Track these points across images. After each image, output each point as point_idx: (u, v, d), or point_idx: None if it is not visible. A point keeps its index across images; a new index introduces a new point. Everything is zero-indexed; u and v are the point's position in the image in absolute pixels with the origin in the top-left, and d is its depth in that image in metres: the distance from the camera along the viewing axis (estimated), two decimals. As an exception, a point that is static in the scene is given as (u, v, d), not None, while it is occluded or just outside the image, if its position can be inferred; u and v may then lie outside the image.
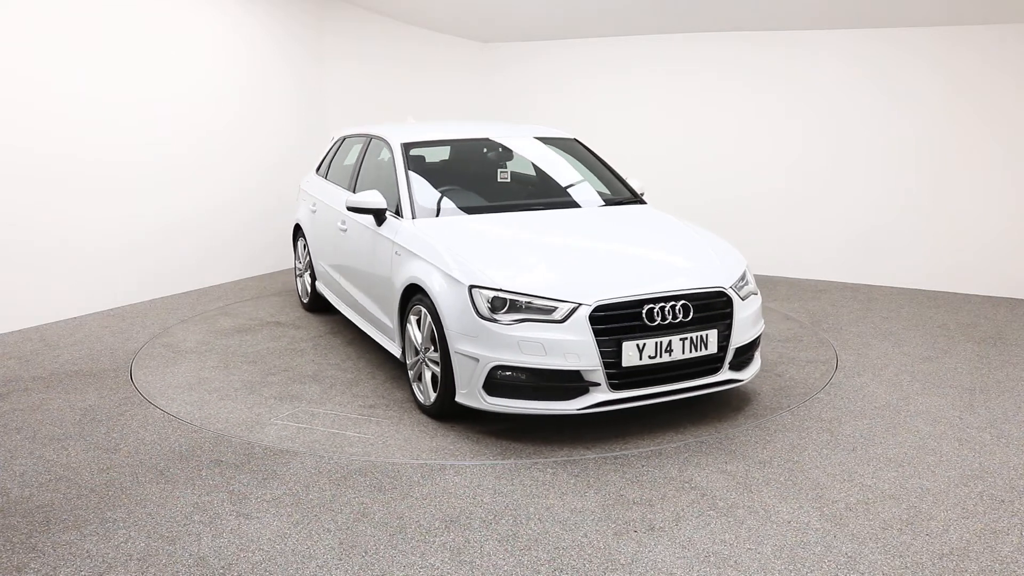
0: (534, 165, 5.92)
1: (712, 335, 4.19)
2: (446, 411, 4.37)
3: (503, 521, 3.40)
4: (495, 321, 4.02)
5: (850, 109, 7.93)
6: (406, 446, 4.16)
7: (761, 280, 8.22)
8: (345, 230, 5.70)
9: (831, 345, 5.91)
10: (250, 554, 3.15)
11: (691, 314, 4.14)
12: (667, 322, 4.09)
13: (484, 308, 4.06)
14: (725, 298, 4.28)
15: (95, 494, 3.65)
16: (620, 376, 4.02)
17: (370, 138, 6.01)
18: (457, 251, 4.40)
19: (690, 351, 4.14)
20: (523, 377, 4.02)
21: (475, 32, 9.61)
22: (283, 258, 8.66)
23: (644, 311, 4.05)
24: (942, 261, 7.68)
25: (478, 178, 5.68)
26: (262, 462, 3.97)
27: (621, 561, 3.10)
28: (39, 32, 6.20)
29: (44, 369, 5.38)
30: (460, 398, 4.21)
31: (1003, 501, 3.57)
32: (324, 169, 6.79)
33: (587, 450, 4.09)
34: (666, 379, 4.16)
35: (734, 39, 8.36)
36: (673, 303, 4.11)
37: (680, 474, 3.83)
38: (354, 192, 5.78)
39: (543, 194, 5.54)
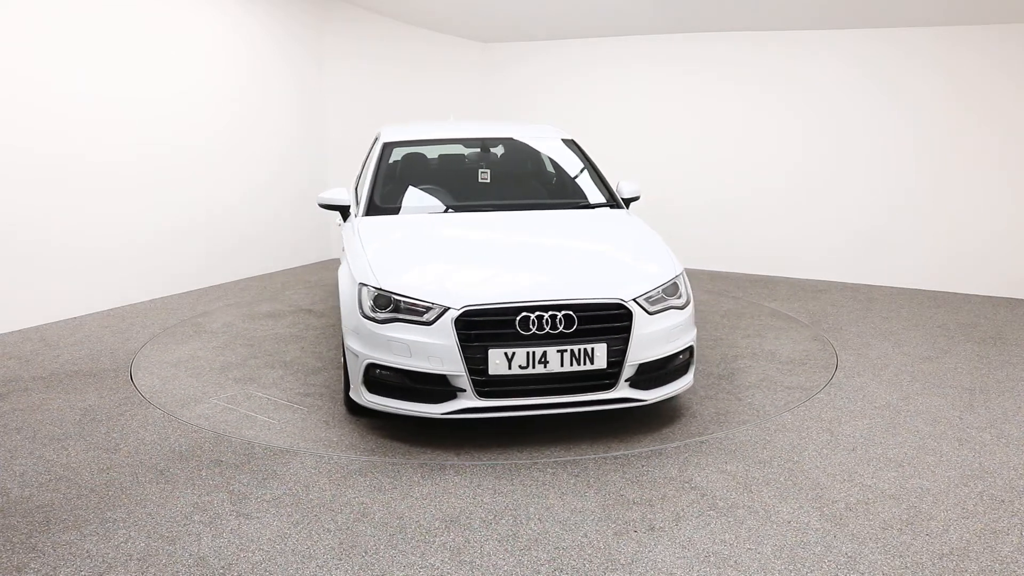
0: (518, 166, 5.93)
1: (600, 349, 3.93)
2: (352, 405, 4.42)
3: (503, 521, 3.40)
4: (373, 320, 4.04)
5: (850, 109, 7.93)
6: (298, 434, 4.32)
7: (761, 280, 8.22)
8: (340, 225, 5.77)
9: (831, 345, 5.91)
10: (250, 554, 3.15)
11: (575, 325, 3.91)
12: (544, 332, 3.88)
13: (367, 306, 4.08)
14: (623, 311, 4.00)
15: (95, 494, 3.65)
16: (487, 384, 3.90)
17: (377, 136, 6.07)
18: (372, 249, 4.44)
19: (571, 364, 3.90)
20: (396, 377, 4.02)
21: (475, 32, 9.61)
22: (287, 256, 8.66)
23: (518, 319, 3.88)
24: (942, 261, 7.68)
25: (456, 178, 5.68)
26: (262, 462, 3.97)
27: (621, 561, 3.10)
28: (39, 32, 6.20)
29: (44, 369, 5.38)
30: (351, 393, 4.28)
31: (1003, 501, 3.57)
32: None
33: (587, 450, 4.09)
34: (544, 391, 3.96)
35: (734, 39, 8.36)
36: (554, 312, 3.89)
37: (680, 474, 3.83)
38: (355, 190, 5.85)
39: (513, 195, 5.46)
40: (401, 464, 3.94)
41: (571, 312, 3.91)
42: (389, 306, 4.04)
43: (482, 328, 3.89)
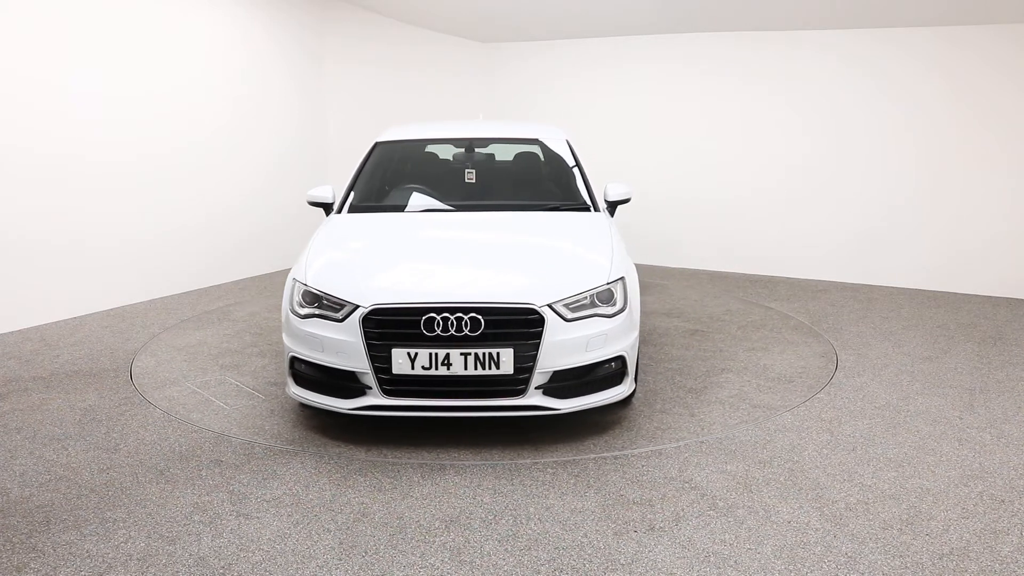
0: (504, 167, 5.95)
1: (506, 354, 3.85)
2: None
3: (503, 521, 3.40)
4: (296, 315, 4.15)
5: (850, 109, 7.94)
6: (238, 421, 4.50)
7: (761, 280, 8.22)
8: None
9: (831, 345, 5.91)
10: (250, 554, 3.15)
11: (481, 328, 3.85)
12: (448, 334, 3.85)
13: (295, 301, 4.19)
14: (535, 316, 3.90)
15: (95, 494, 3.64)
16: (392, 383, 3.93)
17: None
18: (316, 246, 4.56)
19: (476, 368, 3.85)
20: (314, 371, 4.12)
21: (475, 32, 9.61)
22: (288, 255, 8.67)
23: (423, 320, 3.86)
24: (942, 261, 7.68)
25: (440, 178, 5.71)
26: (262, 462, 3.97)
27: (621, 561, 3.10)
28: (40, 32, 6.20)
29: (44, 369, 5.38)
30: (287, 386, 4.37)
31: (1003, 501, 3.57)
32: None
33: (587, 450, 4.09)
34: (450, 393, 3.94)
35: (734, 39, 8.37)
36: (460, 315, 3.84)
37: (680, 474, 3.83)
38: None
39: (491, 197, 5.42)
40: (401, 464, 3.94)
41: (477, 315, 3.85)
42: (315, 302, 4.12)
43: (388, 327, 3.91)
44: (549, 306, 3.94)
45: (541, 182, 5.71)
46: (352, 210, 5.18)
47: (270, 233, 8.47)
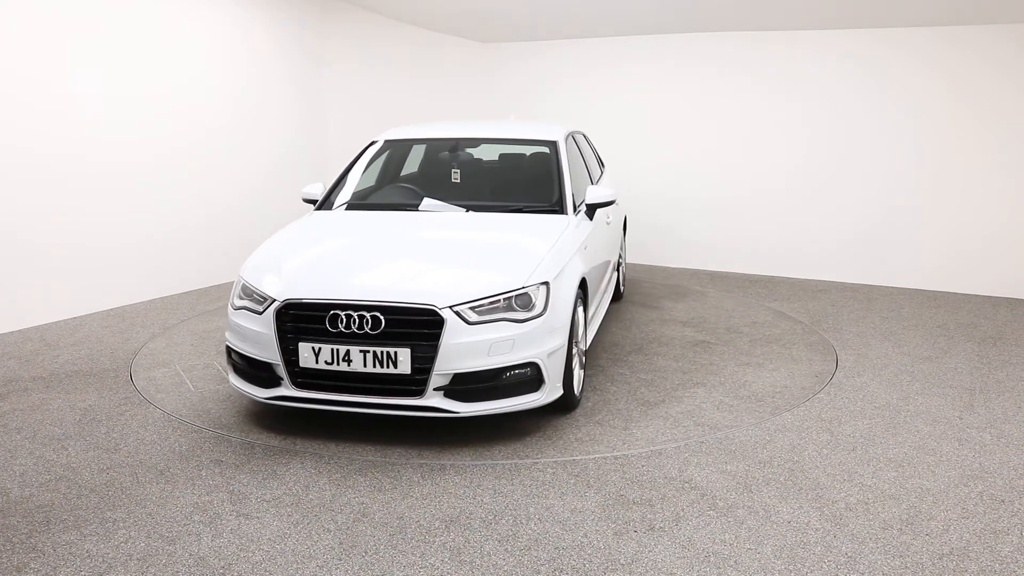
0: (493, 167, 5.99)
1: (404, 354, 3.88)
2: None
3: (503, 521, 3.40)
4: (233, 307, 4.36)
5: (850, 109, 7.94)
6: (191, 405, 4.70)
7: (761, 280, 8.22)
8: None
9: (831, 345, 5.91)
10: (250, 554, 3.15)
11: (382, 327, 3.92)
12: (350, 331, 3.93)
13: (236, 294, 4.38)
14: (437, 317, 3.90)
15: (95, 494, 3.65)
16: (300, 375, 4.06)
17: None
18: (270, 243, 4.77)
19: (374, 365, 3.92)
20: (242, 361, 4.31)
21: (475, 32, 9.61)
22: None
23: (328, 316, 3.96)
24: (942, 261, 7.69)
25: (427, 177, 5.80)
26: (262, 462, 3.97)
27: (621, 561, 3.10)
28: (40, 32, 6.20)
29: (44, 369, 5.37)
30: None
31: (1003, 501, 3.57)
32: None
33: (587, 450, 4.09)
34: (354, 389, 4.02)
35: (734, 39, 8.37)
36: (363, 313, 3.92)
37: (680, 474, 3.83)
38: None
39: (470, 197, 5.39)
40: (401, 464, 3.94)
41: (379, 314, 3.93)
42: (248, 296, 4.28)
43: (298, 322, 4.05)
44: (452, 308, 3.93)
45: (520, 183, 5.68)
46: (325, 208, 5.36)
47: (270, 233, 8.46)
